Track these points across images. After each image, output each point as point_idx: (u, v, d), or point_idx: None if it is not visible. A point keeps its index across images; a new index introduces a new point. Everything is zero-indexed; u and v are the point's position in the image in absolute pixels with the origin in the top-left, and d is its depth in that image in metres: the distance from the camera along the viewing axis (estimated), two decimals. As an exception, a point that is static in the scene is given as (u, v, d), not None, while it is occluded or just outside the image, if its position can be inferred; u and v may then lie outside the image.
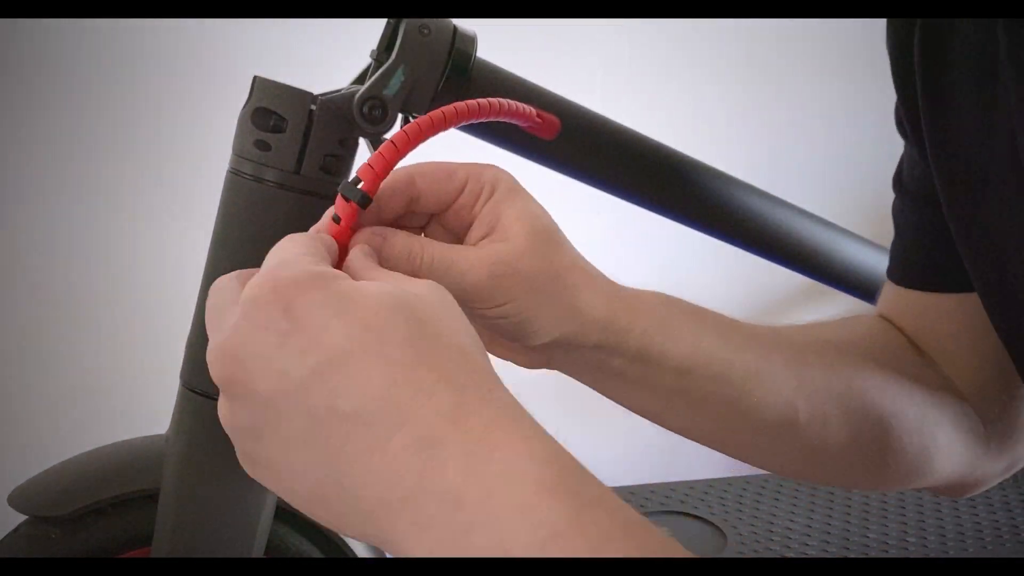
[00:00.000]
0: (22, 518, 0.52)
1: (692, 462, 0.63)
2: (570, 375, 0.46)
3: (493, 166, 0.43)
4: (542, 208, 0.44)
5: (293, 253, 0.33)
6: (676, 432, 0.47)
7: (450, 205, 0.42)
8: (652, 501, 0.88)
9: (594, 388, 0.47)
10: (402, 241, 0.40)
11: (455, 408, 0.29)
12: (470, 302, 0.40)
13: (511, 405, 0.30)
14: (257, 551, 0.53)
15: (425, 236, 0.44)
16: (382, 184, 0.41)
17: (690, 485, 0.92)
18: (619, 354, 0.44)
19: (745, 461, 0.48)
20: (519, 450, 0.28)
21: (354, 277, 0.33)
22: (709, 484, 0.92)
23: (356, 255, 0.37)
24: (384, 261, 0.39)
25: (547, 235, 0.43)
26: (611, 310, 0.43)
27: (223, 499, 0.51)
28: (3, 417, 0.87)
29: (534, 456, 0.28)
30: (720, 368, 0.44)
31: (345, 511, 0.30)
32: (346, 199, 0.41)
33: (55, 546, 0.50)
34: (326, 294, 0.30)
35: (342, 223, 0.41)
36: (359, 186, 0.41)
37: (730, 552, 0.78)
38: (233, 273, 0.34)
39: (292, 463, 0.31)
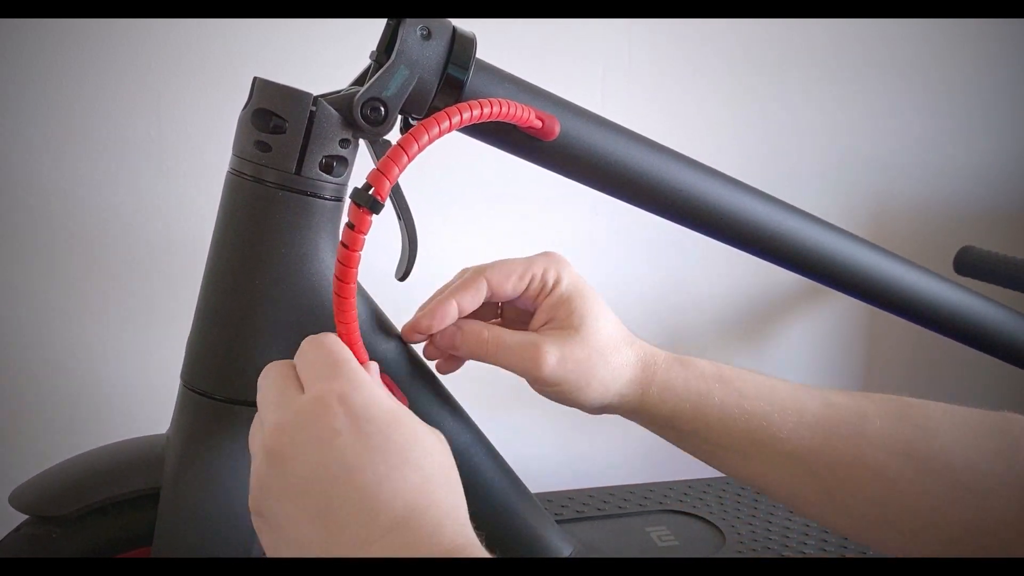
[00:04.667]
0: (23, 518, 0.52)
1: (691, 461, 0.63)
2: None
3: (554, 262, 0.54)
4: (595, 300, 0.53)
5: (352, 368, 0.42)
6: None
7: (518, 297, 0.54)
8: (651, 500, 0.88)
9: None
10: (474, 326, 0.52)
11: (435, 529, 0.37)
12: (536, 382, 0.52)
13: (468, 539, 0.37)
14: (257, 551, 0.53)
15: (502, 315, 0.57)
16: (465, 290, 0.52)
17: (688, 484, 0.92)
18: (655, 421, 0.54)
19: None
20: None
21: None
22: (707, 483, 0.92)
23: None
24: (458, 344, 0.52)
25: (595, 324, 0.52)
26: (644, 388, 0.53)
27: (223, 498, 0.51)
28: (3, 417, 0.87)
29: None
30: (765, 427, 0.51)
31: None
32: (358, 206, 0.42)
33: (56, 546, 0.50)
34: (361, 420, 0.39)
35: (356, 229, 0.42)
36: (370, 192, 0.42)
37: (728, 551, 0.78)
38: (283, 363, 0.44)
39: (291, 533, 0.38)
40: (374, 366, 0.47)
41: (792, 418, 0.50)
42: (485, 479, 0.55)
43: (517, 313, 0.56)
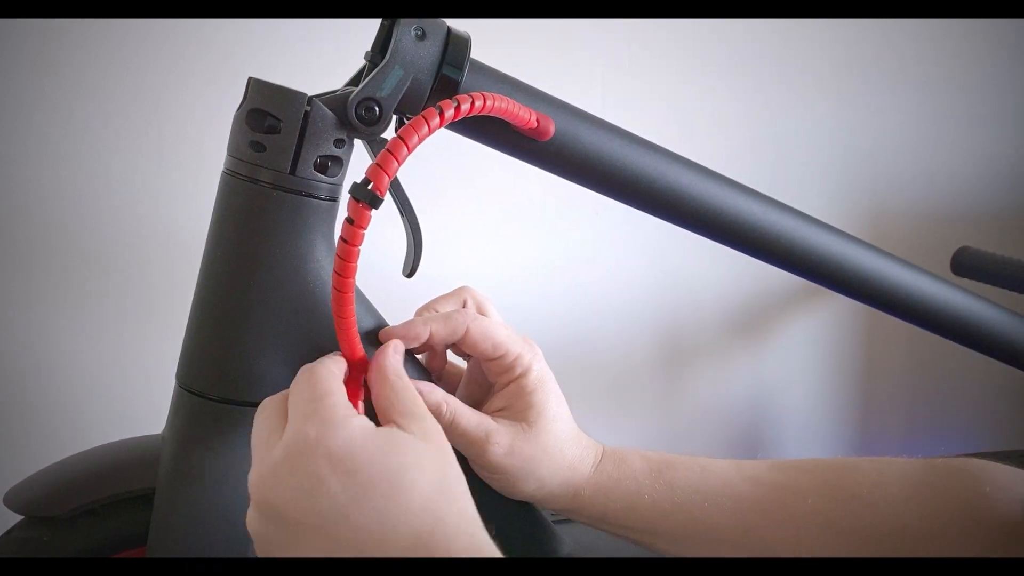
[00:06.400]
0: (18, 518, 0.52)
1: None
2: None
3: (531, 350, 0.53)
4: (555, 395, 0.53)
5: (329, 406, 0.41)
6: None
7: (484, 361, 0.53)
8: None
9: None
10: (436, 396, 0.50)
11: (448, 546, 0.38)
12: (477, 466, 0.52)
13: (469, 539, 0.39)
14: (253, 551, 0.53)
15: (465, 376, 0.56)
16: (441, 324, 0.51)
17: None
18: (586, 518, 0.54)
19: None
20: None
21: (381, 372, 0.46)
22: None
23: (388, 354, 0.47)
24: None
25: (549, 424, 0.52)
26: (577, 490, 0.53)
27: (218, 498, 0.51)
28: (3, 417, 0.87)
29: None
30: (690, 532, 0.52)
31: None
32: (357, 201, 0.42)
33: (50, 546, 0.50)
34: (342, 460, 0.39)
35: (355, 224, 0.42)
36: (369, 187, 0.42)
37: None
38: (278, 397, 0.44)
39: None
40: (399, 345, 0.49)
41: (727, 503, 0.51)
42: (481, 480, 0.55)
43: (479, 377, 0.56)
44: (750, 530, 0.51)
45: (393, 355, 0.48)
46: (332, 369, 0.45)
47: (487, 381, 0.56)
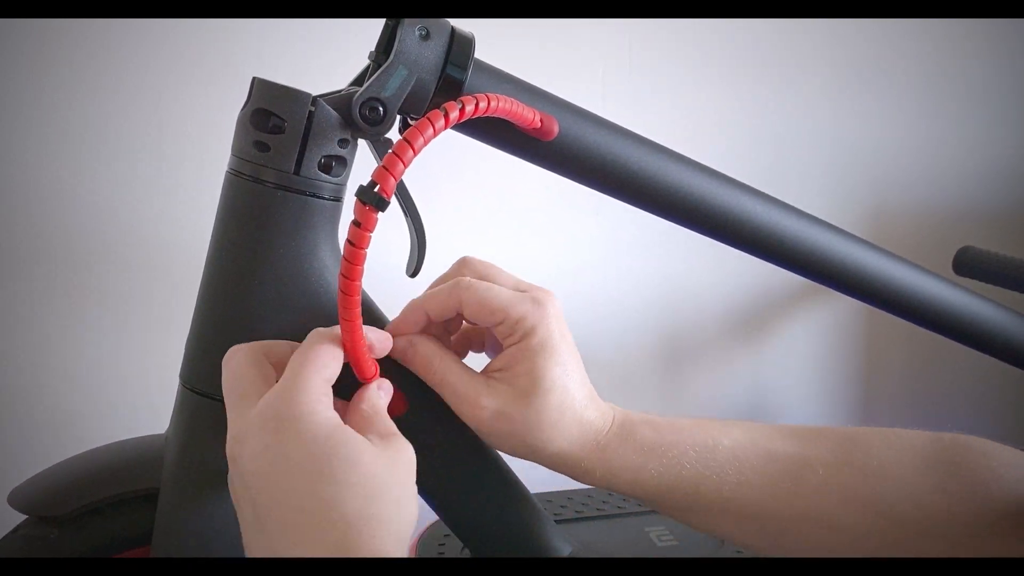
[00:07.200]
0: (22, 518, 0.52)
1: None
2: None
3: (538, 310, 0.51)
4: (560, 362, 0.51)
5: (298, 383, 0.44)
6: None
7: (487, 329, 0.53)
8: (650, 500, 0.87)
9: None
10: (427, 349, 0.51)
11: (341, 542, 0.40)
12: (463, 416, 0.51)
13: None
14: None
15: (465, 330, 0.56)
16: (435, 302, 0.51)
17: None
18: (590, 483, 0.53)
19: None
20: None
21: (356, 413, 0.47)
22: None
23: (372, 393, 0.48)
24: (407, 361, 0.51)
25: (545, 393, 0.50)
26: (576, 462, 0.52)
27: (222, 498, 0.51)
28: (2, 417, 0.87)
29: None
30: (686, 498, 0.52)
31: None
32: (364, 204, 0.42)
33: (54, 546, 0.51)
34: (299, 439, 0.42)
35: (362, 227, 0.42)
36: (375, 190, 0.42)
37: (727, 551, 0.78)
38: (247, 348, 0.47)
39: (250, 528, 0.44)
40: (386, 384, 0.49)
41: (732, 478, 0.51)
42: (484, 479, 0.55)
43: (478, 337, 0.56)
44: (761, 503, 0.50)
45: (375, 393, 0.48)
46: (321, 348, 0.46)
47: (480, 339, 0.55)
